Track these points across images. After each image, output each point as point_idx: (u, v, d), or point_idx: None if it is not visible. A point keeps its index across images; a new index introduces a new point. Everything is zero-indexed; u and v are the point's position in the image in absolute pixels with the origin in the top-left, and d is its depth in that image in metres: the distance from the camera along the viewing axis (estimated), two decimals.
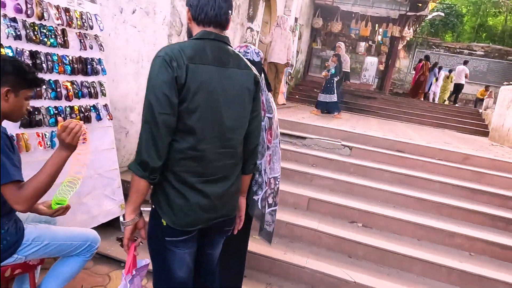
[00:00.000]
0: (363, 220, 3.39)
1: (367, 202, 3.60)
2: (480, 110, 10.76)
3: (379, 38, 13.38)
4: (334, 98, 7.51)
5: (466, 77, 12.75)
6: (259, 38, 7.03)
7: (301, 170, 3.97)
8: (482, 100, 16.44)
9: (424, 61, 12.91)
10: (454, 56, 19.47)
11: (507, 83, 7.96)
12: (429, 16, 17.91)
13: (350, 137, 4.90)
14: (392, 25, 11.64)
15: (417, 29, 13.71)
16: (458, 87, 12.85)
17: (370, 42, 13.01)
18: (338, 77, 7.51)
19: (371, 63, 12.32)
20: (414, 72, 15.51)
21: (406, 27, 11.57)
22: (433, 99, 15.90)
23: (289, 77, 10.34)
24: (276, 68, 7.31)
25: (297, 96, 11.08)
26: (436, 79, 15.36)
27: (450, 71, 16.10)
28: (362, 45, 12.56)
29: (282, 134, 4.75)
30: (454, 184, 3.91)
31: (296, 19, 9.14)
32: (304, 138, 4.72)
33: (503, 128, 7.30)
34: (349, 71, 7.81)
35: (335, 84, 7.47)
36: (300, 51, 10.96)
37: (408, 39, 12.23)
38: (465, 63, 13.69)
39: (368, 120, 8.33)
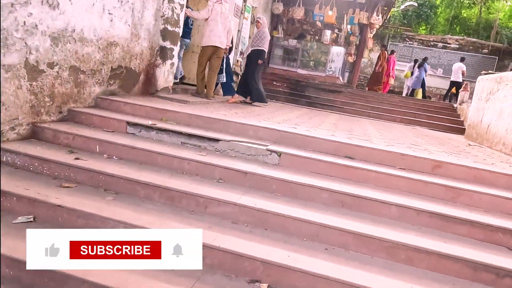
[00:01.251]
0: (271, 277, 2.07)
1: (283, 244, 2.30)
2: (455, 105, 9.73)
3: (348, 27, 12.21)
4: (222, 78, 6.26)
5: (463, 74, 11.71)
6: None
7: (190, 191, 2.62)
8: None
9: (382, 50, 11.82)
10: (428, 49, 18.60)
11: (485, 72, 6.86)
12: (402, 6, 16.94)
13: (284, 139, 3.59)
14: (360, 10, 10.47)
15: (388, 18, 12.61)
16: (456, 85, 11.75)
17: (337, 31, 11.84)
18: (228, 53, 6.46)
19: (338, 53, 11.13)
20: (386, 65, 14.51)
21: (375, 13, 10.42)
22: (407, 94, 14.93)
23: (239, 66, 8.99)
24: (215, 53, 5.92)
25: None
26: (412, 73, 14.37)
27: (415, 61, 15.16)
28: (328, 34, 11.38)
29: (191, 135, 3.40)
30: (419, 209, 2.66)
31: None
32: (218, 140, 3.38)
33: (482, 125, 6.18)
34: (264, 49, 6.43)
35: (225, 61, 6.19)
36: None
37: (377, 26, 11.12)
38: (462, 59, 12.61)
39: (326, 116, 7.08)
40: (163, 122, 3.69)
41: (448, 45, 18.27)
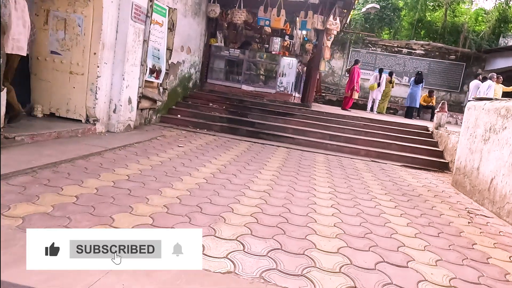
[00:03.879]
0: None
1: None
2: (430, 128, 7.98)
3: (303, 32, 10.29)
4: None
5: None
6: None
7: None
8: (427, 108, 14.11)
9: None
10: (392, 56, 17.15)
11: (475, 97, 5.04)
12: (363, 9, 15.32)
13: None
14: (313, 13, 8.54)
15: (347, 22, 10.81)
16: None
17: (287, 38, 9.90)
18: None
19: (289, 65, 9.16)
20: (348, 75, 12.77)
21: (331, 17, 8.52)
22: (372, 108, 13.25)
23: (160, 89, 6.78)
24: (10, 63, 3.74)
25: (179, 116, 7.55)
26: (378, 84, 12.69)
27: (390, 73, 13.54)
28: (277, 42, 9.42)
29: None
30: None
31: None
32: None
33: (479, 175, 4.31)
34: None
35: None
36: (191, 49, 7.41)
37: (335, 33, 9.23)
38: (484, 79, 10.95)
39: (269, 156, 4.99)
40: None
41: (413, 51, 16.89)
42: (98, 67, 5.00)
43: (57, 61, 5.04)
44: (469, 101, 5.18)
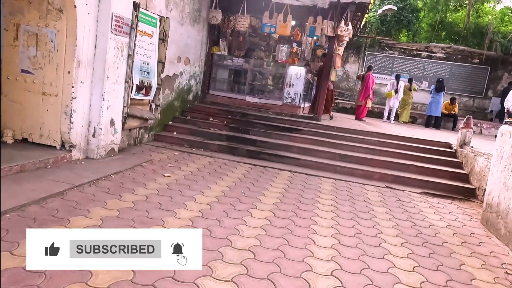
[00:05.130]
0: None
1: None
2: (453, 145, 7.15)
3: (314, 38, 9.57)
4: None
5: None
6: None
7: None
8: (449, 116, 13.12)
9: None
10: (410, 60, 16.21)
11: (511, 120, 4.24)
12: (379, 11, 14.45)
13: None
14: (322, 19, 7.82)
15: (360, 26, 10.03)
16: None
17: (295, 45, 9.20)
18: None
19: (297, 74, 8.46)
20: (360, 82, 11.95)
21: (343, 22, 7.79)
22: (388, 117, 12.41)
23: (152, 105, 6.21)
24: None
25: (175, 133, 6.96)
26: (396, 91, 11.85)
27: (410, 80, 12.60)
28: (285, 50, 8.73)
29: None
30: None
31: (135, 5, 5.01)
32: None
33: None
34: None
35: None
36: (190, 59, 6.77)
37: (347, 39, 8.49)
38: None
39: (268, 185, 4.30)
40: None
41: (434, 54, 15.91)
42: (72, 87, 4.44)
43: (29, 81, 4.50)
44: (504, 123, 4.39)
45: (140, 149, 5.87)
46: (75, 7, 4.23)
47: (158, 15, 5.89)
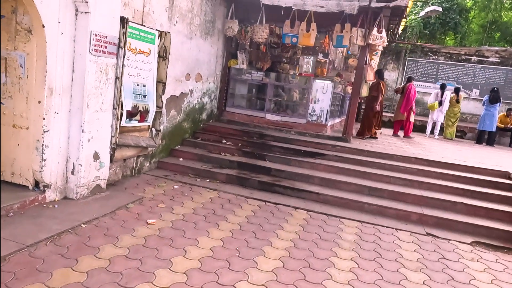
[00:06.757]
0: None
1: None
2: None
3: (338, 48, 8.55)
4: None
5: None
6: None
7: None
8: (505, 130, 11.45)
9: (380, 81, 8.26)
10: (458, 65, 14.61)
11: None
12: (422, 13, 13.07)
13: None
14: (351, 26, 6.81)
15: (398, 31, 8.85)
16: None
17: (321, 56, 8.20)
18: None
19: (323, 89, 7.49)
20: (397, 94, 10.65)
21: (375, 29, 6.74)
22: (432, 131, 11.03)
23: (153, 131, 5.54)
24: None
25: (181, 159, 6.26)
26: (440, 103, 10.49)
27: (457, 90, 11.02)
28: (309, 62, 7.78)
29: None
30: None
31: (123, 21, 4.35)
32: None
33: None
34: None
35: None
36: (202, 75, 6.00)
37: (381, 48, 7.40)
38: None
39: (271, 238, 3.41)
40: None
41: (486, 59, 14.22)
42: (44, 119, 3.82)
43: None
44: None
45: (135, 182, 5.19)
46: (43, 26, 3.61)
47: (157, 30, 5.22)
